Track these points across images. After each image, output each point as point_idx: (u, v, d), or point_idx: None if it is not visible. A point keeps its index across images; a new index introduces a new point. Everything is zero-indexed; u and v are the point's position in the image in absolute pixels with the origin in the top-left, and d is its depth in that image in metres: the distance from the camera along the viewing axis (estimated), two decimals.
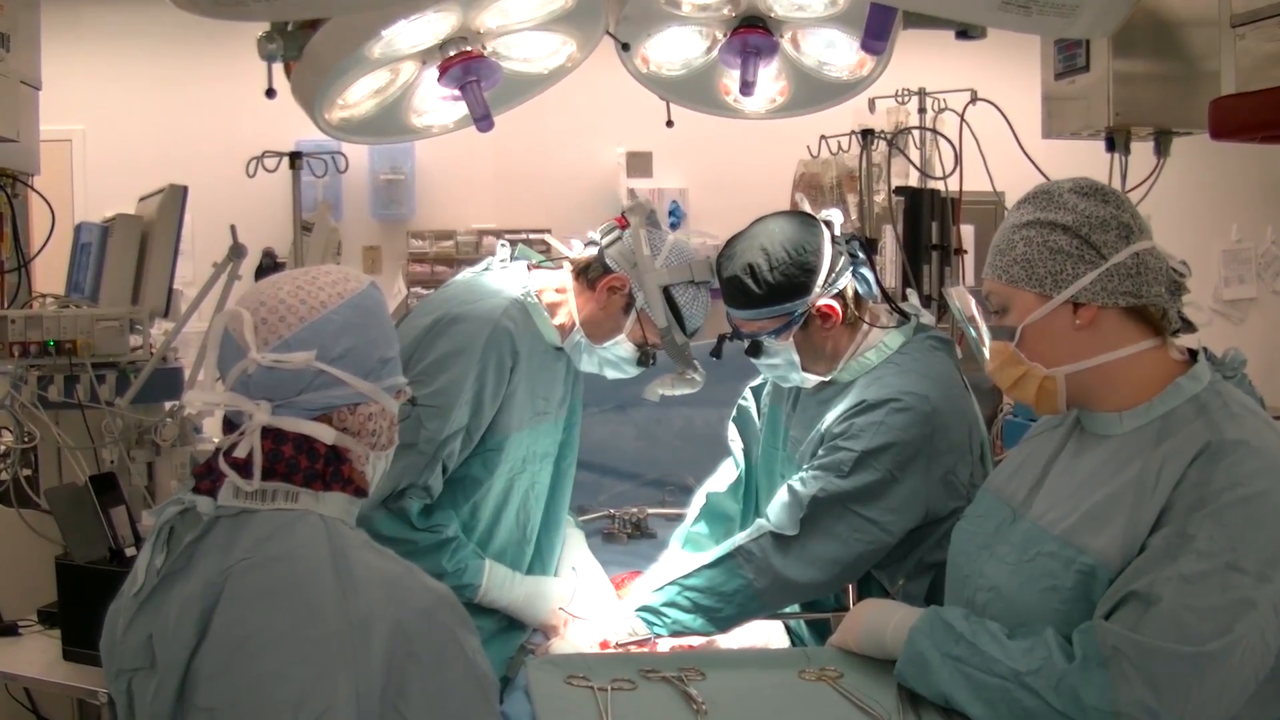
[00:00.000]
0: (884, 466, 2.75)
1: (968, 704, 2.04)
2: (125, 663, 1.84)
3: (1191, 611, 1.88)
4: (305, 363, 1.82)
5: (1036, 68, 4.13)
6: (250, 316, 1.85)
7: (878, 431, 2.77)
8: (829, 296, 2.89)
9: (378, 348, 1.93)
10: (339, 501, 1.89)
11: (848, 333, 2.95)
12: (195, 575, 1.79)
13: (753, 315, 2.92)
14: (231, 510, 1.83)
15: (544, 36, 3.15)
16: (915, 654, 2.13)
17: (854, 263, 2.95)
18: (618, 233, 3.01)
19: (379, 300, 1.98)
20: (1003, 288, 2.15)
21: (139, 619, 1.83)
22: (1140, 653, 1.88)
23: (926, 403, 2.78)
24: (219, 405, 1.88)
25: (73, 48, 6.93)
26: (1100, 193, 2.12)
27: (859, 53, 3.31)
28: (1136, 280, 2.06)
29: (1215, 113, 3.25)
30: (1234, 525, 1.91)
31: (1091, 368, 2.10)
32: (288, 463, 1.84)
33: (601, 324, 3.01)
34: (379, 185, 7.93)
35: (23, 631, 3.48)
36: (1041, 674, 1.96)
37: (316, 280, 1.92)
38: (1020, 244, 2.11)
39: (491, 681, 1.84)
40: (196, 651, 1.74)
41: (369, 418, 1.93)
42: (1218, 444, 1.98)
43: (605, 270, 2.97)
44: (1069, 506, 2.12)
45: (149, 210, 4.04)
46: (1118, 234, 2.07)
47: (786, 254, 2.87)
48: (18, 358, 3.58)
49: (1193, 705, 1.87)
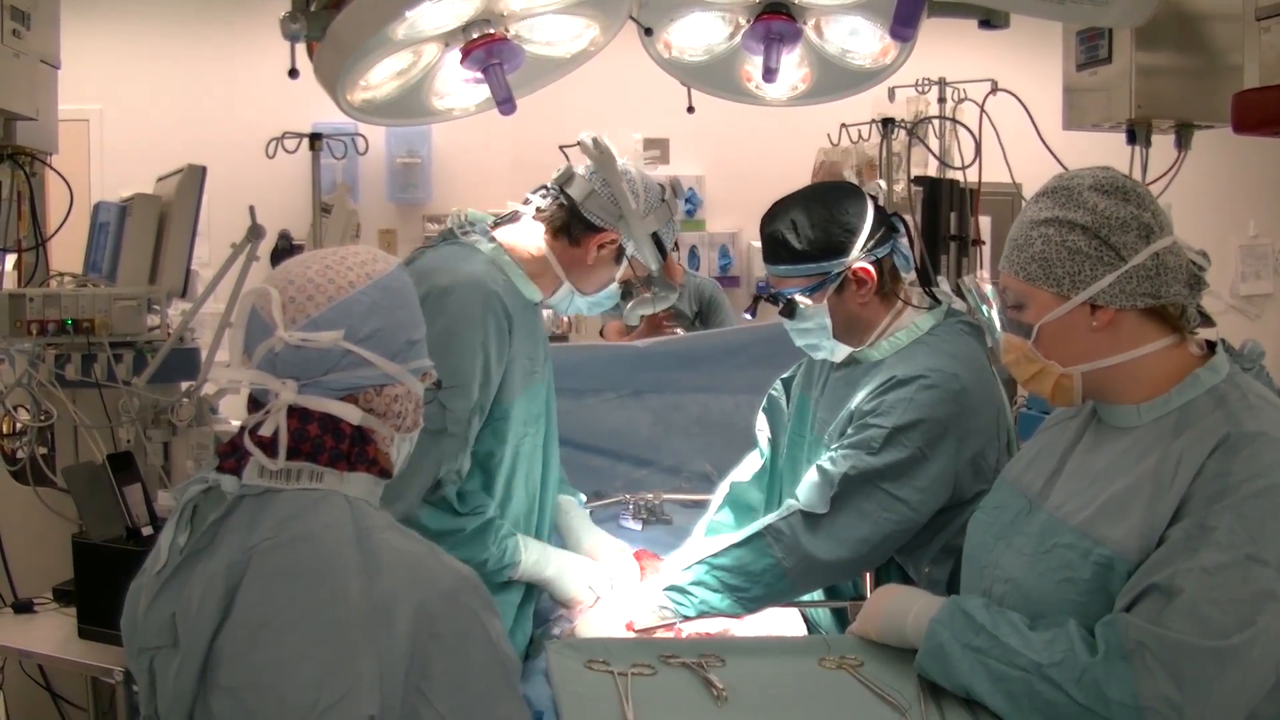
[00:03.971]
0: (914, 443, 2.74)
1: (988, 696, 2.04)
2: (148, 641, 1.84)
3: (1213, 604, 1.88)
4: (333, 342, 1.81)
5: (1057, 59, 4.12)
6: (278, 294, 1.84)
7: (908, 408, 2.75)
8: (866, 261, 2.88)
9: (405, 329, 1.92)
10: (364, 482, 1.88)
11: (882, 307, 2.94)
12: (219, 554, 1.78)
13: (789, 271, 2.92)
14: (256, 489, 1.83)
15: (567, 20, 3.14)
16: (935, 645, 2.13)
17: (894, 236, 2.95)
18: (583, 183, 2.96)
19: (406, 282, 1.97)
20: (1020, 284, 2.13)
21: (162, 597, 1.82)
22: (1164, 646, 1.88)
23: (956, 381, 2.77)
24: (245, 383, 1.87)
25: (91, 27, 6.93)
26: (1121, 190, 2.08)
27: (882, 40, 3.30)
28: (1156, 281, 2.05)
29: (1238, 106, 3.24)
30: (1254, 517, 1.90)
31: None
32: (313, 442, 1.83)
33: (592, 277, 3.03)
34: (395, 168, 7.93)
35: (38, 609, 3.49)
36: (1064, 666, 1.96)
37: (345, 260, 1.91)
38: (1038, 241, 2.09)
39: (514, 664, 1.84)
40: (219, 630, 1.74)
41: (395, 399, 1.92)
42: (1236, 435, 1.97)
43: (589, 227, 2.95)
44: (1086, 498, 2.11)
45: (167, 190, 4.04)
46: (1137, 234, 2.04)
47: (829, 213, 2.89)
48: (35, 336, 3.58)
49: (1215, 699, 1.86)
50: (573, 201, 2.96)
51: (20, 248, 4.15)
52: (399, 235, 8.06)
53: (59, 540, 3.45)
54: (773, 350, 4.25)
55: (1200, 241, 2.17)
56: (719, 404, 4.38)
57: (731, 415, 4.38)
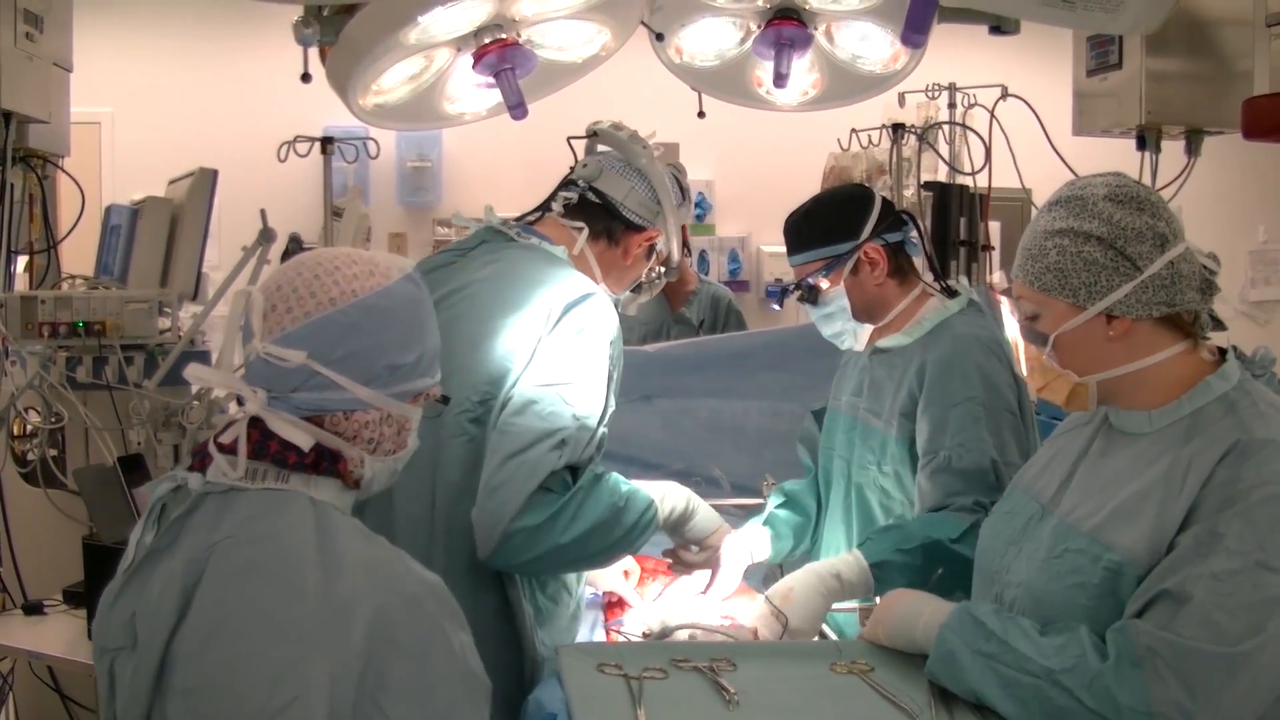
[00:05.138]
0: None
1: (999, 701, 2.03)
2: (108, 641, 1.77)
3: (1224, 611, 1.87)
4: (298, 362, 1.75)
5: (1067, 64, 4.12)
6: (262, 301, 1.80)
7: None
8: (875, 243, 2.96)
9: (387, 352, 1.82)
10: (331, 487, 1.82)
11: (899, 289, 3.01)
12: (180, 552, 1.73)
13: (805, 257, 3.01)
14: (220, 487, 1.77)
15: (579, 25, 3.16)
16: (946, 652, 2.13)
17: (903, 226, 3.02)
18: (617, 179, 2.85)
19: (406, 297, 1.87)
20: (1035, 294, 2.13)
21: (123, 596, 1.76)
22: (1174, 653, 1.88)
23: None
24: (219, 385, 1.85)
25: (103, 30, 6.93)
26: (1135, 199, 2.08)
27: (893, 46, 3.32)
28: (1170, 290, 2.05)
29: (1248, 112, 3.25)
30: (1263, 524, 1.90)
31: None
32: (274, 456, 1.77)
33: (626, 275, 2.94)
34: (406, 172, 7.93)
35: (48, 611, 3.50)
36: (1075, 673, 1.95)
37: (338, 270, 1.82)
38: (1053, 252, 2.09)
39: (481, 681, 1.77)
40: (176, 631, 1.68)
41: (365, 425, 1.84)
42: (1246, 442, 1.97)
43: (630, 226, 2.85)
44: (1097, 503, 2.11)
45: (179, 193, 4.05)
46: (1152, 244, 2.04)
47: (837, 204, 3.04)
48: (47, 338, 3.59)
49: (1226, 704, 1.86)
50: (607, 199, 2.85)
51: (32, 250, 4.16)
52: (409, 239, 8.07)
53: (69, 542, 3.46)
54: (782, 355, 4.27)
55: (1209, 247, 2.18)
56: (729, 408, 4.38)
57: (741, 420, 4.38)
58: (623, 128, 2.91)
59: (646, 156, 2.88)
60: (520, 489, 2.42)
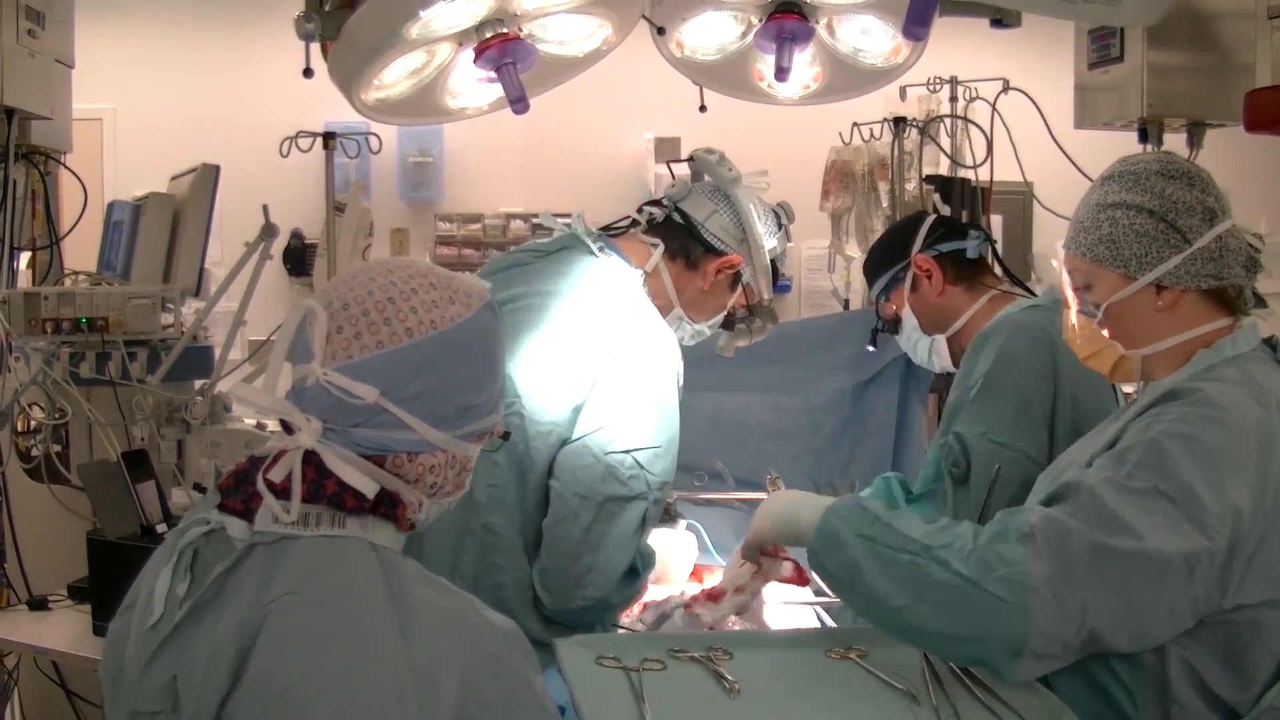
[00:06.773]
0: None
1: (876, 580, 2.04)
2: (143, 705, 1.59)
3: (1113, 511, 1.94)
4: (370, 400, 1.58)
5: (1069, 58, 4.12)
6: (326, 321, 1.60)
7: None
8: (927, 255, 3.05)
9: (462, 391, 1.66)
10: (387, 530, 1.66)
11: (965, 296, 3.06)
12: (228, 611, 1.53)
13: (875, 289, 3.20)
14: (269, 537, 1.58)
15: (580, 19, 3.15)
16: (829, 530, 2.14)
17: (962, 235, 3.07)
18: (702, 200, 2.85)
19: (484, 330, 1.70)
20: (1086, 265, 2.20)
21: (161, 657, 1.58)
22: (1055, 529, 1.94)
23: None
24: (268, 411, 1.64)
25: (105, 26, 6.94)
26: (1185, 175, 2.16)
27: (895, 39, 3.31)
28: (1218, 263, 2.12)
29: (1250, 105, 3.25)
30: (1168, 459, 1.96)
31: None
32: (330, 498, 1.60)
33: (706, 303, 2.89)
34: (407, 167, 7.94)
35: (53, 606, 3.51)
36: (953, 548, 2.00)
37: (415, 294, 1.64)
38: (1105, 224, 2.16)
39: (556, 717, 1.67)
40: (229, 697, 1.50)
41: (430, 469, 1.68)
42: (1179, 390, 2.07)
43: (709, 249, 2.82)
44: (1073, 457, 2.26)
45: (181, 189, 4.05)
46: (1201, 218, 2.12)
47: (891, 229, 3.30)
48: (50, 334, 3.59)
49: (1093, 594, 1.91)
50: (690, 220, 2.84)
51: (35, 246, 4.16)
52: (411, 234, 8.08)
53: (73, 538, 3.46)
54: (784, 350, 4.26)
55: None
56: (731, 403, 4.39)
57: (744, 414, 4.39)
58: (714, 152, 2.93)
59: (736, 183, 2.87)
60: (611, 575, 2.55)
